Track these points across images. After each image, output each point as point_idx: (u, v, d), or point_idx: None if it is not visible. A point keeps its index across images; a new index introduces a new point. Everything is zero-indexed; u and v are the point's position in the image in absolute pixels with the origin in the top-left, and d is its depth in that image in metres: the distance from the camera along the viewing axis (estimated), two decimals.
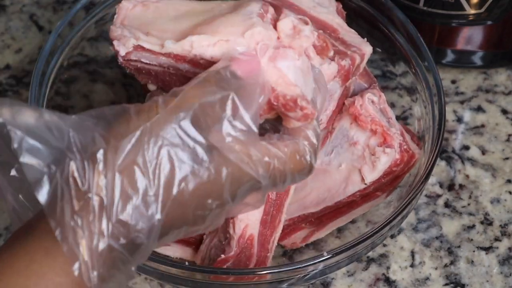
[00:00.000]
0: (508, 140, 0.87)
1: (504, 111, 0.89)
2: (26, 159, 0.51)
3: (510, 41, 0.89)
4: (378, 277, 0.78)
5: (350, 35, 0.74)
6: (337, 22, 0.75)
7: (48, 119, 0.52)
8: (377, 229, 0.70)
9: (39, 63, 0.78)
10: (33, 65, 0.92)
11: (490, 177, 0.85)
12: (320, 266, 0.68)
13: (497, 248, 0.80)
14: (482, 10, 0.85)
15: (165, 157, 0.52)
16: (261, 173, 0.55)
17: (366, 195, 0.76)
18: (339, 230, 0.79)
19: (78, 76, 0.87)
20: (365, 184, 0.74)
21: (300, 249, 0.78)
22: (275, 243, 0.74)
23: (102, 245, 0.51)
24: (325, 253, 0.68)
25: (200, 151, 0.53)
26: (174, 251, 0.76)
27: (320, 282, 0.77)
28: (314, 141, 0.58)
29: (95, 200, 0.51)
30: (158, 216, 0.52)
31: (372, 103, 0.74)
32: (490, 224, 0.82)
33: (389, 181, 0.76)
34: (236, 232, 0.70)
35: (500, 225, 0.82)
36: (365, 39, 0.75)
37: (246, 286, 0.69)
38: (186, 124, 0.53)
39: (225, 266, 0.71)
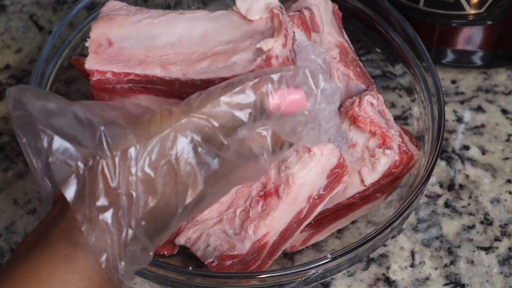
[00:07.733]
0: (508, 140, 0.87)
1: (504, 111, 0.89)
2: (55, 158, 0.53)
3: (510, 41, 0.89)
4: (378, 277, 0.78)
5: None
6: None
7: (79, 114, 0.54)
8: (378, 231, 0.69)
9: (39, 63, 0.78)
10: (33, 65, 0.92)
11: (490, 177, 0.85)
12: (321, 269, 0.68)
13: (497, 248, 0.80)
14: (482, 10, 0.85)
15: (190, 155, 0.55)
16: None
17: (365, 197, 0.76)
18: (339, 230, 0.79)
19: (78, 76, 0.87)
20: (365, 185, 0.74)
21: (300, 250, 0.78)
22: (279, 253, 0.74)
23: (130, 237, 0.53)
24: (328, 255, 0.68)
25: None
26: None
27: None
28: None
29: (126, 195, 0.53)
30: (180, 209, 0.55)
31: (371, 105, 0.74)
32: (490, 224, 0.82)
33: (388, 183, 0.76)
34: (256, 235, 0.70)
35: (500, 225, 0.82)
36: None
37: None
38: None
39: (230, 262, 0.71)
